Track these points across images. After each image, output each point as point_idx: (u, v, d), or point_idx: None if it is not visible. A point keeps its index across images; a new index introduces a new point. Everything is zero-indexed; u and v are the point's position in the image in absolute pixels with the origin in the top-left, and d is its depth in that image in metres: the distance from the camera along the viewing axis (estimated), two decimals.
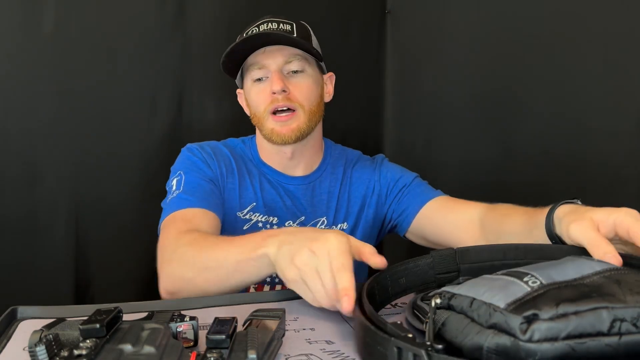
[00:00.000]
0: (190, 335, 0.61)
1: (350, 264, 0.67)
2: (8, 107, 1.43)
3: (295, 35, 1.13)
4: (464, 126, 1.78)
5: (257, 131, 1.21)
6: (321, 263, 0.67)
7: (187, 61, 1.60)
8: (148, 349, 0.51)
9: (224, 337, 0.54)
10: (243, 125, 1.65)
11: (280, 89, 1.09)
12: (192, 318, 0.61)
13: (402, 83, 1.88)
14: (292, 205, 1.18)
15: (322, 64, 1.22)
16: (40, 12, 1.44)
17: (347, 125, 1.72)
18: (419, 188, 1.22)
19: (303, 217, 1.17)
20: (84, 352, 0.48)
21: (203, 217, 1.01)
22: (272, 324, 0.63)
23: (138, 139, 1.56)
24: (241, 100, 1.26)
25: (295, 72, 1.13)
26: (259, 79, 1.13)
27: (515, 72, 1.68)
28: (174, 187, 1.10)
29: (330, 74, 1.25)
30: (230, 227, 1.12)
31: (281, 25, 1.14)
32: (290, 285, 0.72)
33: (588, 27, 1.56)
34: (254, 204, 1.15)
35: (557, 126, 1.63)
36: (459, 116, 1.79)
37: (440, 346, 0.50)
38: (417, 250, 1.33)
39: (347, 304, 0.63)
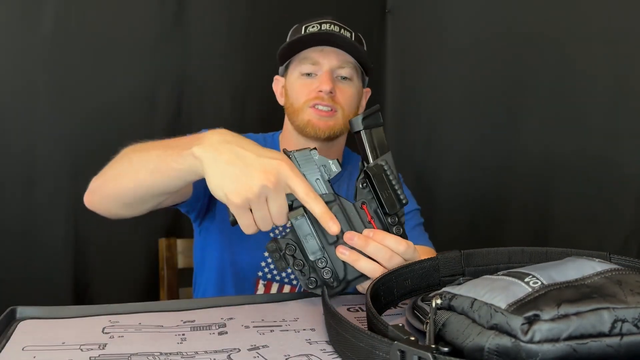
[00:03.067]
0: None
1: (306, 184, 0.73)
2: (7, 107, 1.43)
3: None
4: (464, 126, 1.79)
5: (286, 125, 1.21)
6: (273, 192, 0.71)
7: (187, 61, 1.60)
8: None
9: None
10: (243, 125, 1.65)
11: (329, 90, 1.10)
12: None
13: (402, 83, 1.88)
14: None
15: (367, 78, 1.23)
16: (40, 12, 1.43)
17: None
18: (412, 226, 1.21)
19: None
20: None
21: None
22: None
23: (137, 138, 1.55)
24: (276, 87, 1.25)
25: (344, 78, 1.15)
26: (308, 74, 1.14)
27: (515, 71, 1.68)
28: None
29: (368, 89, 1.26)
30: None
31: (342, 30, 1.15)
32: (230, 206, 0.73)
33: (589, 26, 1.56)
34: None
35: (558, 125, 1.63)
36: (459, 116, 1.79)
37: (446, 349, 0.50)
38: None
39: (334, 226, 0.72)
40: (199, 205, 1.11)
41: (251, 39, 1.66)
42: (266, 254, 1.12)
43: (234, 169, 0.70)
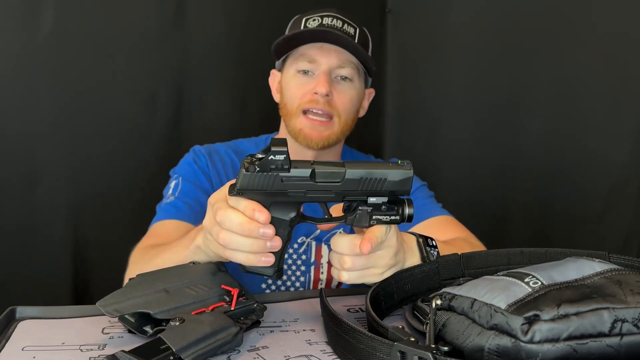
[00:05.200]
0: None
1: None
2: (7, 107, 1.43)
3: (356, 41, 1.07)
4: (464, 126, 1.78)
5: (282, 126, 1.15)
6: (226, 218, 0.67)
7: (187, 61, 1.60)
8: None
9: None
10: (243, 125, 1.65)
11: (325, 93, 1.02)
12: None
13: (402, 83, 1.88)
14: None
15: (370, 78, 1.16)
16: (39, 12, 1.43)
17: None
18: (424, 201, 1.16)
19: (318, 231, 1.11)
20: None
21: (181, 232, 0.97)
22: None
23: (137, 139, 1.55)
24: (272, 82, 1.18)
25: (344, 78, 1.07)
26: (305, 72, 1.06)
27: (516, 71, 1.68)
28: (170, 192, 1.08)
29: (371, 90, 1.18)
30: None
31: (345, 25, 1.07)
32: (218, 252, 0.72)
33: (589, 28, 1.56)
34: None
35: (558, 126, 1.63)
36: (459, 116, 1.79)
37: (446, 348, 0.50)
38: None
39: (262, 216, 0.65)
40: None
41: (251, 39, 1.65)
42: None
43: None
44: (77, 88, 1.48)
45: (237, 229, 0.66)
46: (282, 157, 0.64)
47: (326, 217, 0.71)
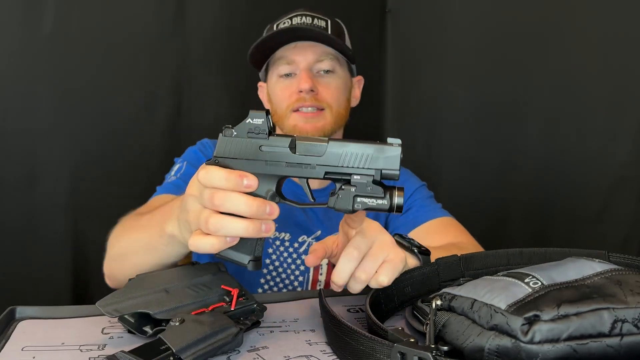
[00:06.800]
0: None
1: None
2: (7, 107, 1.43)
3: (329, 32, 1.07)
4: (464, 126, 1.78)
5: (278, 131, 1.16)
6: (202, 194, 0.60)
7: (187, 61, 1.60)
8: None
9: None
10: None
11: (309, 88, 1.03)
12: None
13: (402, 83, 1.88)
14: (306, 219, 1.10)
15: (354, 66, 1.16)
16: (40, 12, 1.43)
17: (347, 124, 1.72)
18: (423, 203, 1.14)
19: (319, 232, 1.11)
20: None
21: None
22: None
23: (137, 138, 1.55)
24: (261, 94, 1.19)
25: (326, 71, 1.07)
26: (287, 75, 1.08)
27: (516, 72, 1.68)
28: (172, 173, 1.08)
29: (359, 77, 1.19)
30: None
31: (315, 20, 1.08)
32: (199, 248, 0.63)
33: (589, 28, 1.56)
34: None
35: (558, 126, 1.63)
36: (459, 116, 1.79)
37: (445, 348, 0.50)
38: None
39: (251, 181, 0.59)
40: None
41: (251, 38, 1.65)
42: (265, 271, 1.11)
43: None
44: (77, 87, 1.48)
45: (244, 209, 0.59)
46: (260, 120, 0.61)
47: (310, 201, 0.66)
